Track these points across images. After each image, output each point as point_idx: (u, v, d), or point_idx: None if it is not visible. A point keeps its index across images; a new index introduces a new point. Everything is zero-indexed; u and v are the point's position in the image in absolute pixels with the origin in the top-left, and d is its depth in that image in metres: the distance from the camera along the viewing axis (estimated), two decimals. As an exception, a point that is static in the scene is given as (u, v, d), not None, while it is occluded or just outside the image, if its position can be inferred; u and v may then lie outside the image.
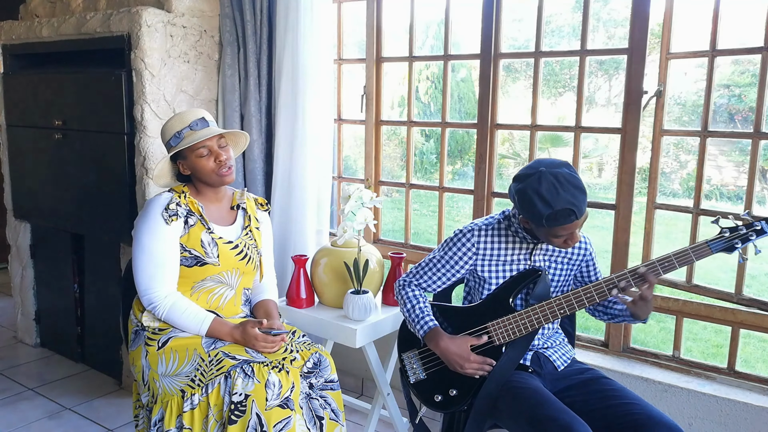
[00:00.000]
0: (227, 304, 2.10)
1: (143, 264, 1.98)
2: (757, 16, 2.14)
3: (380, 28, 2.91)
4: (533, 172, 1.76)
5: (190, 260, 2.01)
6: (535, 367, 1.94)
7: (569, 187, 1.72)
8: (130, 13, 2.73)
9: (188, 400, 1.87)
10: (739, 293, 2.25)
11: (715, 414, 2.20)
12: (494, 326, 1.89)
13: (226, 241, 2.06)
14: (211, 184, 2.06)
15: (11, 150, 3.46)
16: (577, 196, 1.73)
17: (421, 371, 1.99)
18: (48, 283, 3.53)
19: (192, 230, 2.01)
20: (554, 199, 1.71)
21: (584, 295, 1.82)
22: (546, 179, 1.73)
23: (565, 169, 1.76)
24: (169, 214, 1.97)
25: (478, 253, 1.94)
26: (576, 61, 2.49)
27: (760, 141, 2.17)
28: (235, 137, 2.20)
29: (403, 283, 2.04)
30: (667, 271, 1.77)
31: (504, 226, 1.95)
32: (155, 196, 2.05)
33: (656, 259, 1.78)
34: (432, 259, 2.01)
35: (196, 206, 2.04)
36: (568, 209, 1.71)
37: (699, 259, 1.76)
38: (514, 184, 1.82)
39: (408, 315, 1.99)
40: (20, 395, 3.04)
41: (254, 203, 2.24)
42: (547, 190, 1.72)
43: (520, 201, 1.79)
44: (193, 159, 2.02)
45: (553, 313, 1.84)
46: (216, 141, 2.04)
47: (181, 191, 2.06)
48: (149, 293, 1.98)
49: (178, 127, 2.03)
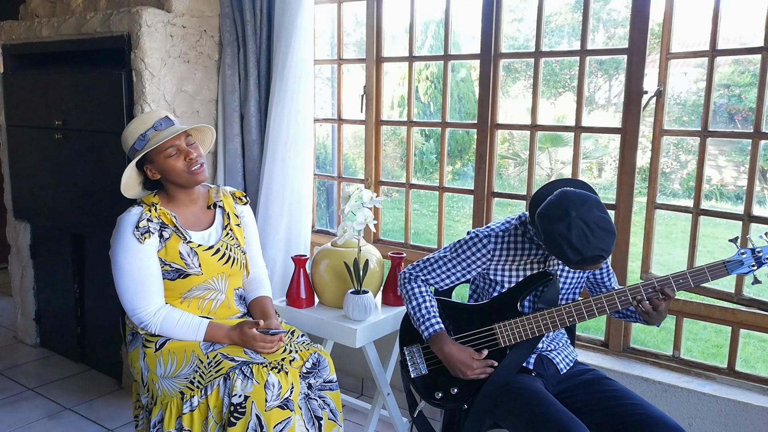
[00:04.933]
0: (220, 307, 2.08)
1: (125, 285, 1.94)
2: (757, 16, 2.14)
3: (380, 28, 2.91)
4: (562, 216, 1.66)
5: (172, 273, 1.97)
6: (537, 370, 1.93)
7: (599, 232, 1.65)
8: (130, 13, 2.73)
9: (188, 401, 1.87)
10: (739, 293, 2.25)
11: (715, 414, 2.20)
12: (500, 327, 1.88)
13: (206, 248, 2.01)
14: (184, 184, 2.00)
15: (11, 150, 3.46)
16: (607, 240, 1.66)
17: (423, 366, 1.98)
18: (48, 283, 3.53)
19: (169, 243, 1.96)
20: (584, 247, 1.64)
21: (596, 307, 1.80)
22: (576, 227, 1.64)
23: (595, 211, 1.67)
24: (141, 233, 1.91)
25: (493, 259, 1.91)
26: (576, 61, 2.49)
27: (760, 141, 2.17)
28: (201, 135, 2.13)
29: (409, 276, 2.00)
30: (681, 288, 1.75)
31: (520, 232, 1.91)
32: (125, 212, 1.98)
33: (671, 275, 1.75)
34: (443, 257, 1.96)
35: (169, 217, 1.98)
36: (598, 256, 1.66)
37: (714, 279, 1.73)
38: (539, 222, 1.73)
39: (413, 312, 1.95)
40: (20, 395, 3.04)
41: (232, 198, 2.17)
42: (577, 238, 1.64)
43: (547, 242, 1.71)
44: (162, 161, 1.96)
45: (563, 321, 1.82)
46: (183, 139, 1.99)
47: (151, 203, 1.99)
48: (137, 313, 1.94)
49: (142, 129, 1.96)
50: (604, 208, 1.71)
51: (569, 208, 1.66)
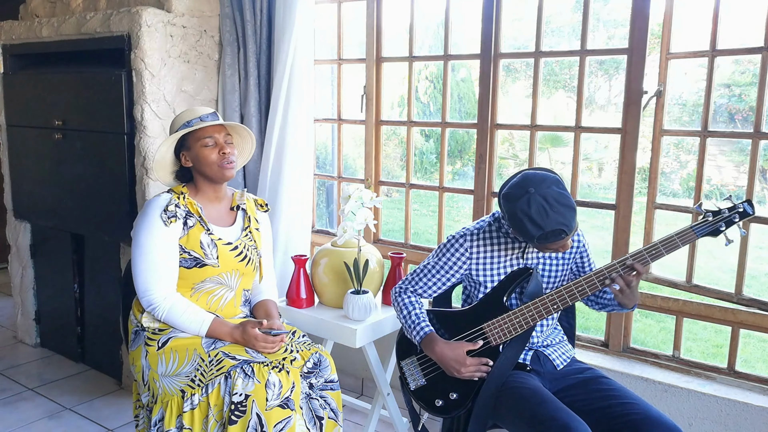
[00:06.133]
0: (227, 305, 2.10)
1: (142, 265, 1.97)
2: (757, 16, 2.14)
3: (380, 28, 2.91)
4: (522, 194, 1.76)
5: (189, 261, 2.01)
6: (534, 366, 1.94)
7: (559, 207, 1.73)
8: (130, 13, 2.73)
9: (188, 400, 1.87)
10: (739, 293, 2.25)
11: (715, 414, 2.21)
12: (490, 327, 1.89)
13: (225, 243, 2.05)
14: (213, 177, 2.04)
15: (11, 150, 3.46)
16: (567, 215, 1.73)
17: (421, 377, 1.99)
18: (48, 283, 3.53)
19: (191, 231, 2.00)
20: (544, 221, 1.72)
21: (576, 289, 1.83)
22: (535, 201, 1.73)
23: (554, 187, 1.76)
24: (168, 216, 1.96)
25: (472, 258, 1.95)
26: (576, 61, 2.49)
27: (760, 141, 2.17)
28: (242, 142, 2.19)
29: (399, 291, 2.05)
30: (655, 259, 1.79)
31: (495, 228, 1.95)
32: (154, 197, 2.04)
33: (644, 248, 1.80)
34: (426, 265, 2.02)
35: (195, 207, 2.03)
36: (558, 230, 1.73)
37: (685, 244, 1.77)
38: (503, 202, 1.82)
39: (404, 322, 2.00)
40: (20, 395, 3.04)
41: (254, 204, 2.23)
42: (536, 212, 1.72)
43: (511, 221, 1.80)
44: (198, 148, 2.01)
45: (547, 309, 1.85)
46: (223, 136, 2.04)
47: (180, 192, 2.05)
48: (148, 294, 1.98)
49: (189, 117, 2.03)
50: (564, 185, 1.79)
51: (528, 186, 1.76)
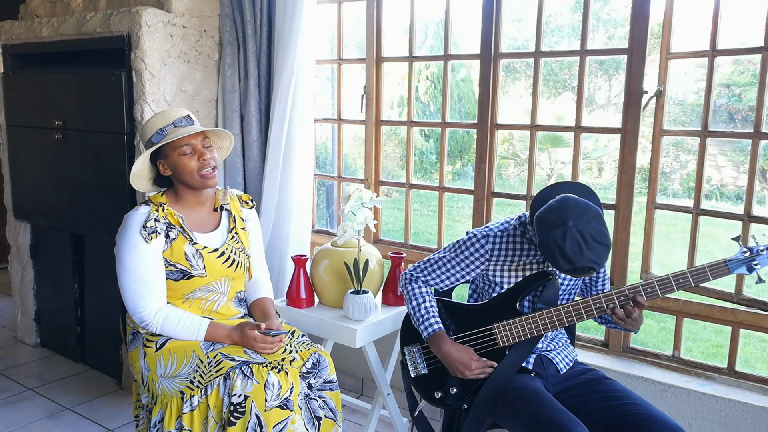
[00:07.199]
0: (221, 309, 2.08)
1: (128, 283, 1.94)
2: (757, 16, 2.14)
3: (380, 28, 2.91)
4: (559, 224, 1.66)
5: (176, 274, 1.97)
6: (537, 370, 1.93)
7: (594, 245, 1.65)
8: (130, 13, 2.73)
9: (188, 401, 1.87)
10: (739, 293, 2.25)
11: (715, 414, 2.20)
12: (499, 327, 1.88)
13: (211, 250, 2.01)
14: (193, 185, 1.99)
15: (11, 150, 3.46)
16: (601, 254, 1.66)
17: (423, 366, 1.99)
18: (48, 283, 3.53)
19: (174, 244, 1.96)
20: (577, 258, 1.65)
21: (594, 305, 1.80)
22: (571, 236, 1.64)
23: (594, 223, 1.66)
24: (148, 232, 1.91)
25: (491, 259, 1.91)
26: (576, 61, 2.49)
27: (760, 141, 2.17)
28: (219, 141, 2.14)
29: (410, 278, 2.01)
30: (682, 288, 1.72)
31: (519, 233, 1.90)
32: (132, 211, 1.98)
33: (672, 275, 1.72)
34: (442, 257, 1.97)
35: (176, 217, 1.98)
36: (588, 267, 1.67)
37: (716, 278, 1.70)
38: (537, 225, 1.73)
39: (413, 313, 1.97)
40: (20, 395, 3.04)
41: (238, 201, 2.18)
42: (570, 247, 1.64)
43: (541, 246, 1.72)
44: (176, 157, 1.96)
45: (561, 321, 1.82)
46: (200, 141, 1.99)
47: (159, 203, 1.99)
48: (139, 312, 1.95)
49: (161, 124, 1.97)
50: (603, 220, 1.70)
51: (567, 217, 1.66)
